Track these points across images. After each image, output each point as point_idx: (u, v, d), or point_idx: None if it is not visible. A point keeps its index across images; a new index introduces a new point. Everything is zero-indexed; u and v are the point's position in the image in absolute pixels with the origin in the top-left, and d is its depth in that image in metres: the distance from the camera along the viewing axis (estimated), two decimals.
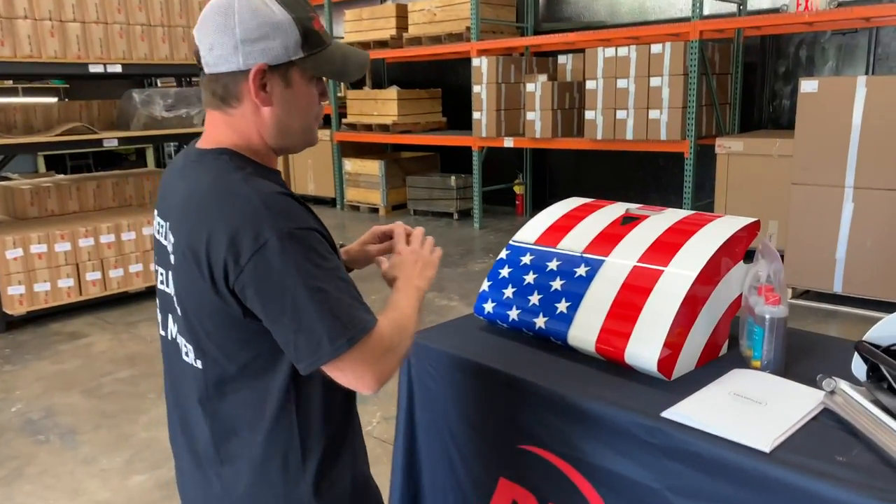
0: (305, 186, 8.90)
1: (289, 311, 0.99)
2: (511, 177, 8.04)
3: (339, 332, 1.00)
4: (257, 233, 0.98)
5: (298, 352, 1.01)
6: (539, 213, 1.92)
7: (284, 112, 1.11)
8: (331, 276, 1.01)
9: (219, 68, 1.08)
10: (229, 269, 1.00)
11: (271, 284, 0.98)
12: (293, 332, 1.00)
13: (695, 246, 1.58)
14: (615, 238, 1.69)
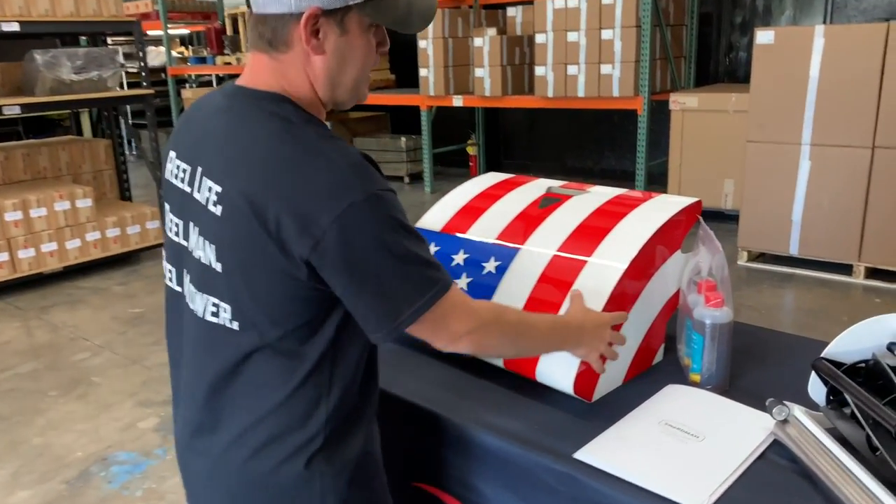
0: None
1: (373, 276, 0.92)
2: (464, 137, 7.72)
3: (418, 295, 0.94)
4: (343, 196, 0.90)
5: (377, 321, 0.95)
6: (450, 192, 1.63)
7: (337, 62, 1.00)
8: (411, 236, 0.95)
9: (268, 9, 0.97)
10: (307, 233, 0.90)
11: (356, 250, 0.90)
12: (376, 298, 0.93)
13: (625, 231, 1.32)
14: (533, 223, 1.42)
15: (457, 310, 0.99)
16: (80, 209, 4.49)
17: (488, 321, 1.03)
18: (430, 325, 0.97)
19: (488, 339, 1.04)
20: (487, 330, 1.03)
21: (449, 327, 0.99)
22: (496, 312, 1.07)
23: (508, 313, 1.09)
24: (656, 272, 1.33)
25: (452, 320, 0.99)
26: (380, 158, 7.45)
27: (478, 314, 1.02)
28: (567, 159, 7.37)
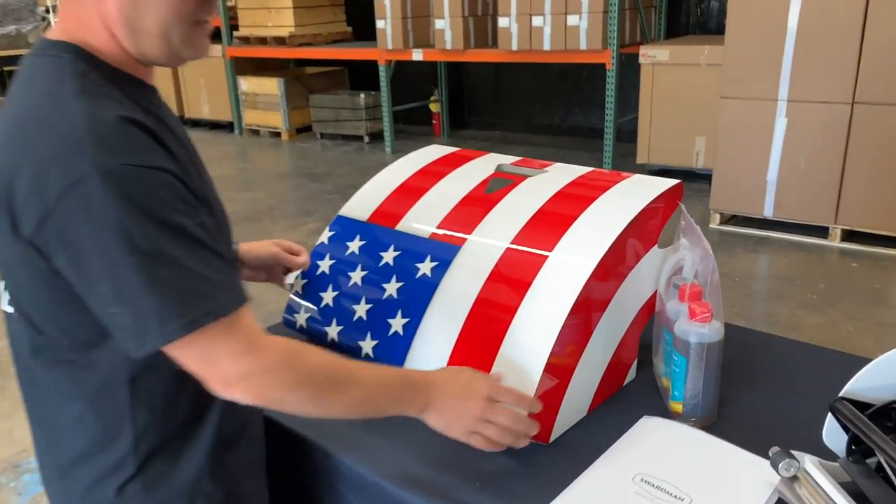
0: (199, 110, 7.99)
1: (108, 276, 0.73)
2: (427, 94, 7.36)
3: (174, 312, 0.74)
4: (72, 166, 0.72)
5: (122, 333, 0.76)
6: (383, 171, 1.36)
7: (131, 4, 0.79)
8: (176, 235, 0.75)
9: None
10: (31, 212, 0.74)
11: (85, 237, 0.72)
12: (115, 305, 0.74)
13: (592, 221, 1.07)
14: (481, 209, 1.16)
15: (232, 343, 0.77)
16: None
17: (276, 365, 0.80)
18: (194, 357, 0.77)
19: (274, 389, 0.80)
20: (274, 377, 0.80)
21: (219, 365, 0.77)
22: (293, 354, 0.83)
23: (312, 356, 0.84)
24: (630, 272, 1.08)
25: (223, 356, 0.77)
26: (336, 117, 7.08)
27: (262, 354, 0.79)
28: (534, 116, 7.08)
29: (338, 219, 1.27)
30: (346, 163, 6.31)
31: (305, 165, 6.33)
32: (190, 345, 0.75)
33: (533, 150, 6.44)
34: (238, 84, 7.46)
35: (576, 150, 6.30)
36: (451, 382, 0.90)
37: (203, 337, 0.75)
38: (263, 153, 6.92)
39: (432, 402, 0.88)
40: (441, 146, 1.42)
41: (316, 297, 1.20)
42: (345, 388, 0.84)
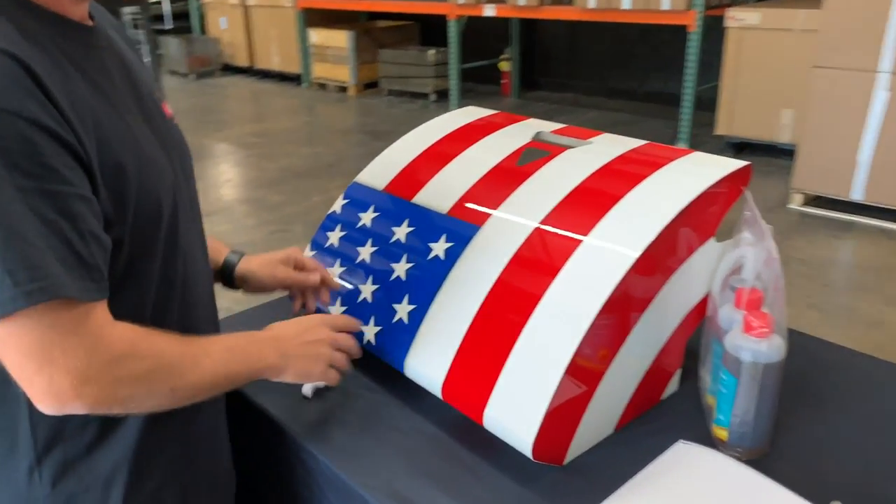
0: (269, 61, 7.97)
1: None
2: (497, 52, 7.10)
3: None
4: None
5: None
6: (410, 133, 1.22)
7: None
8: (16, 196, 0.61)
9: None
10: None
11: None
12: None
13: (640, 203, 0.91)
14: (509, 183, 1.00)
15: (68, 338, 0.64)
16: None
17: (123, 356, 0.68)
18: (17, 349, 0.63)
19: (123, 385, 0.68)
20: (121, 370, 0.67)
21: (46, 367, 0.63)
22: (138, 340, 0.71)
23: (157, 338, 0.73)
24: (679, 267, 0.92)
25: (58, 354, 0.63)
26: (403, 73, 6.92)
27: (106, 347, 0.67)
28: (609, 79, 6.74)
29: (353, 186, 1.14)
30: (409, 121, 6.16)
31: (369, 122, 6.23)
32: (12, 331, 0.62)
33: (605, 114, 6.14)
34: (308, 36, 7.38)
35: (651, 118, 5.96)
36: (291, 326, 0.89)
37: (24, 326, 0.62)
38: (329, 107, 6.84)
39: (284, 350, 0.85)
40: (477, 108, 1.27)
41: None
42: (196, 363, 0.75)
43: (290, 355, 0.85)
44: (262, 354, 0.83)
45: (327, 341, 0.89)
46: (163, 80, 7.85)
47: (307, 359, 0.86)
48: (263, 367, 0.83)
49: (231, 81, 8.05)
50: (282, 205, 4.04)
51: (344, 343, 0.91)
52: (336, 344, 0.90)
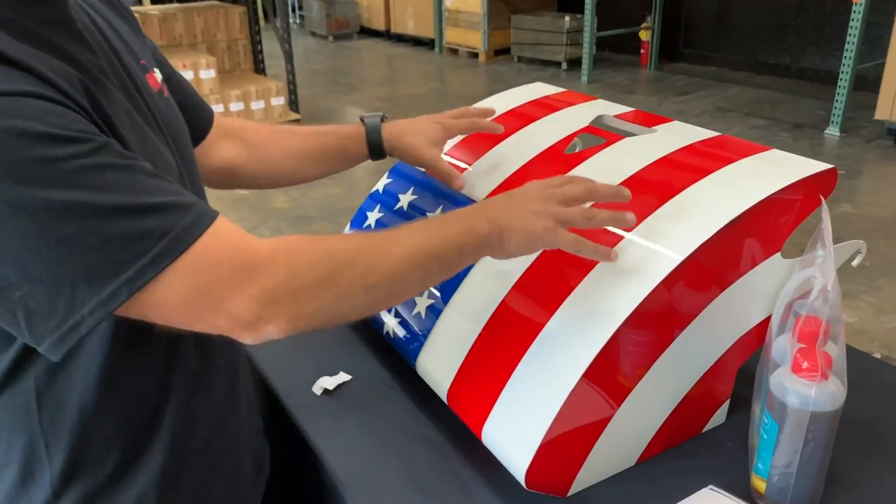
0: (405, 25, 8.01)
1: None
2: (638, 20, 6.72)
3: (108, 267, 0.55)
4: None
5: (33, 316, 0.55)
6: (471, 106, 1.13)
7: None
8: (74, 171, 0.54)
9: None
10: None
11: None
12: (13, 286, 0.54)
13: (697, 201, 0.79)
14: (554, 171, 0.90)
15: (222, 270, 0.58)
16: (203, 80, 4.38)
17: (293, 266, 0.61)
18: (179, 308, 0.58)
19: (307, 298, 0.61)
20: (299, 281, 0.60)
21: (221, 306, 0.58)
22: (303, 243, 0.63)
23: (326, 239, 0.65)
24: (737, 282, 0.79)
25: (220, 291, 0.58)
26: (536, 40, 6.72)
27: (268, 262, 0.60)
28: (759, 53, 6.20)
29: (397, 166, 1.08)
30: None
31: (495, 89, 6.06)
32: (155, 302, 0.57)
33: (749, 91, 5.66)
34: (443, 0, 7.33)
35: (802, 97, 5.43)
36: (501, 194, 0.76)
37: (172, 282, 0.57)
38: (458, 73, 6.80)
39: (492, 215, 0.70)
40: (545, 84, 1.16)
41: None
42: (384, 249, 0.65)
43: (503, 217, 0.70)
44: (467, 223, 0.69)
45: (556, 195, 0.72)
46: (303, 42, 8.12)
47: (526, 217, 0.70)
48: (472, 239, 0.69)
49: (367, 45, 8.19)
50: None
51: (577, 190, 0.73)
52: (565, 191, 0.73)
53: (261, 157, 0.95)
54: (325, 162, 0.97)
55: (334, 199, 3.76)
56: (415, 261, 0.66)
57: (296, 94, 4.91)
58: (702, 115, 5.06)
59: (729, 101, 5.40)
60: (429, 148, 0.92)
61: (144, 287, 0.56)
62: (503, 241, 0.70)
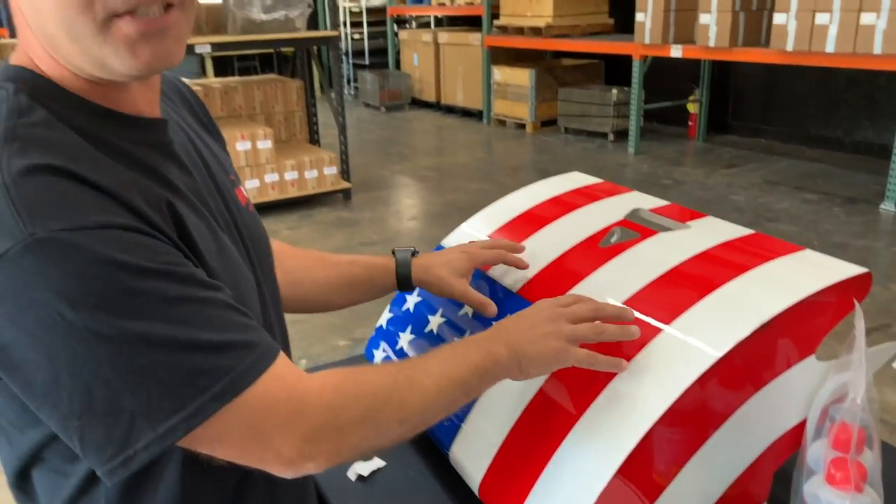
0: (454, 97, 8.25)
1: (51, 379, 0.55)
2: (686, 92, 6.78)
3: (169, 402, 0.56)
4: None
5: (88, 446, 0.57)
6: (504, 198, 1.17)
7: (28, 3, 0.61)
8: (154, 303, 0.56)
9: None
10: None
11: (18, 331, 0.54)
12: (73, 414, 0.56)
13: (734, 296, 0.79)
14: (587, 264, 0.92)
15: (277, 411, 0.61)
16: (260, 150, 4.57)
17: (336, 404, 0.64)
18: (231, 443, 0.60)
19: (348, 435, 0.64)
20: (340, 419, 0.64)
21: (269, 444, 0.61)
22: (345, 382, 0.67)
23: (366, 373, 0.69)
24: (771, 382, 0.78)
25: (272, 430, 0.60)
26: (583, 112, 6.83)
27: (314, 401, 0.63)
28: (810, 126, 6.17)
29: (437, 249, 1.11)
30: (583, 160, 6.06)
31: (542, 160, 6.21)
32: (208, 436, 0.58)
33: (801, 164, 5.61)
34: (492, 73, 7.54)
35: (855, 170, 5.35)
36: (513, 316, 0.80)
37: (228, 420, 0.59)
38: (505, 143, 6.93)
39: (509, 340, 0.75)
40: (583, 174, 1.19)
41: (394, 336, 1.06)
42: (416, 381, 0.69)
43: (518, 341, 0.75)
44: (488, 351, 0.74)
45: (565, 315, 0.77)
46: (357, 112, 8.42)
47: (539, 340, 0.75)
48: (493, 366, 0.74)
49: (417, 115, 8.44)
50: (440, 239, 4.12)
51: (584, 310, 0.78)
52: (575, 310, 0.78)
53: (293, 282, 0.97)
54: (353, 292, 1.01)
55: None
56: (443, 391, 0.70)
57: (348, 164, 5.07)
58: (750, 188, 5.02)
59: (779, 175, 5.36)
60: (457, 280, 0.95)
61: (201, 424, 0.57)
62: (521, 366, 0.75)
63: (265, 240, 0.85)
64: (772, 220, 4.33)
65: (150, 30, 0.61)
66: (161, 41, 0.62)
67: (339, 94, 4.89)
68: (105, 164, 0.61)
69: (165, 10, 0.62)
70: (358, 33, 9.81)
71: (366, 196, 5.08)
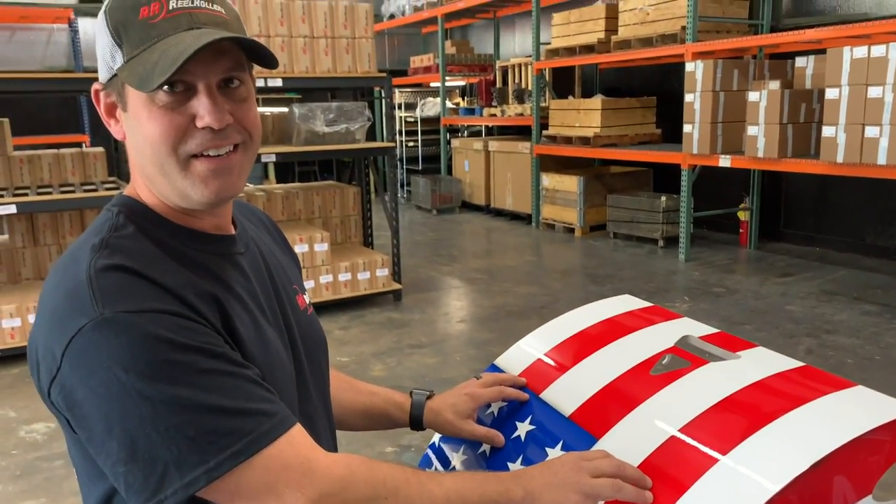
0: (504, 201, 8.45)
1: (110, 432, 0.70)
2: (736, 200, 6.81)
3: (195, 456, 0.69)
4: (72, 320, 0.72)
5: (129, 490, 0.71)
6: (556, 318, 1.21)
7: (132, 146, 0.83)
8: (187, 371, 0.71)
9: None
10: (45, 369, 0.75)
11: (86, 389, 0.70)
12: (120, 461, 0.70)
13: (789, 430, 0.81)
14: (638, 392, 0.94)
15: (286, 473, 0.72)
16: (316, 252, 4.73)
17: (345, 481, 0.74)
18: (248, 497, 0.71)
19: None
20: (346, 494, 0.74)
21: (283, 501, 0.72)
22: (359, 465, 0.77)
23: (381, 466, 0.79)
24: None
25: (283, 488, 0.72)
26: (632, 218, 6.90)
27: (324, 473, 0.74)
28: (866, 235, 6.09)
29: (490, 368, 1.15)
30: (632, 266, 6.07)
31: (590, 265, 6.24)
32: (229, 489, 0.70)
33: (860, 274, 5.50)
34: (541, 180, 7.73)
35: None
36: (540, 464, 0.85)
37: (245, 471, 0.70)
38: (553, 247, 7.00)
39: (527, 485, 0.81)
40: (633, 298, 1.23)
41: (447, 456, 1.09)
42: (426, 487, 0.78)
43: (537, 488, 0.80)
44: (506, 488, 0.80)
45: (588, 470, 0.81)
46: (409, 215, 8.67)
47: (558, 489, 0.79)
48: (506, 502, 0.80)
49: (467, 218, 8.64)
50: (488, 343, 4.14)
51: (606, 466, 0.81)
52: (595, 467, 0.81)
53: None
54: (370, 421, 1.11)
55: (428, 369, 3.84)
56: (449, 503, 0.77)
57: (399, 266, 5.19)
58: (807, 297, 4.93)
59: (836, 284, 5.25)
60: (462, 422, 1.04)
61: (221, 476, 0.69)
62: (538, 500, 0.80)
63: (320, 340, 1.00)
64: (830, 332, 4.22)
65: (218, 167, 0.80)
66: (227, 176, 0.81)
67: (394, 199, 5.07)
68: (169, 267, 0.77)
69: (230, 151, 0.80)
70: (412, 141, 10.24)
71: (416, 297, 5.16)
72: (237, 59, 0.80)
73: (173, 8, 0.77)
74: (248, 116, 0.83)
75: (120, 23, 0.77)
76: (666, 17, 6.25)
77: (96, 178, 4.52)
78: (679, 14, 6.10)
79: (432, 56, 9.62)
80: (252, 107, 0.85)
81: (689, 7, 5.88)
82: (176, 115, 0.77)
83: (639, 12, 6.51)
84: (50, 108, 8.50)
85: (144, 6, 0.76)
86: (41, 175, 4.40)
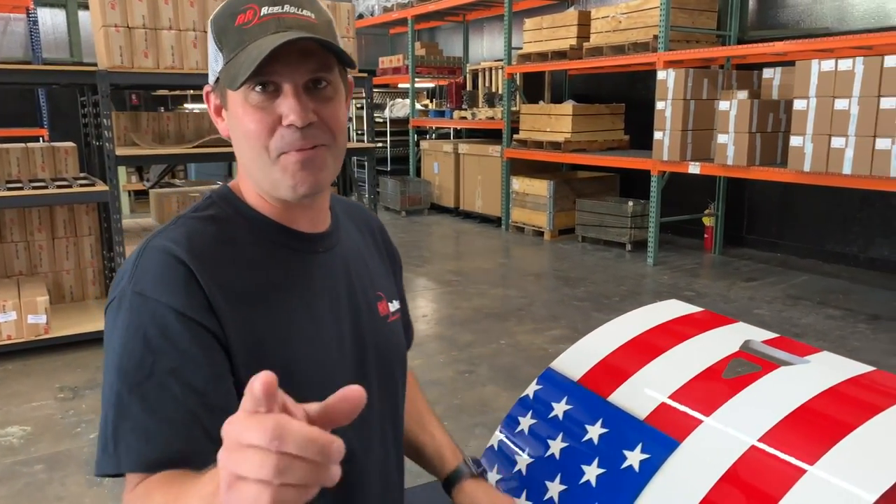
0: (473, 203, 8.48)
1: (104, 390, 0.82)
2: (701, 206, 6.98)
3: (102, 451, 0.80)
4: (117, 285, 0.85)
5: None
6: (610, 322, 1.22)
7: (234, 141, 0.89)
8: (147, 375, 0.78)
9: None
10: None
11: (106, 340, 0.84)
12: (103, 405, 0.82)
13: (877, 438, 0.82)
14: (715, 395, 0.96)
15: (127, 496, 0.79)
16: None
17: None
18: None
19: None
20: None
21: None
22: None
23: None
24: None
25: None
26: (600, 222, 7.00)
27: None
28: (826, 242, 6.30)
29: (547, 372, 1.15)
30: (602, 269, 6.15)
31: (562, 267, 6.31)
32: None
33: (821, 279, 5.69)
34: (510, 183, 7.78)
35: (873, 287, 5.43)
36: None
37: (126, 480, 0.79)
38: (524, 250, 7.06)
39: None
40: (679, 302, 1.24)
41: (510, 458, 1.08)
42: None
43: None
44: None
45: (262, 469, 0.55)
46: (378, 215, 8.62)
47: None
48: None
49: (436, 220, 8.64)
50: (471, 345, 4.15)
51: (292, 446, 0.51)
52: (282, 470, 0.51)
53: None
54: (417, 458, 1.13)
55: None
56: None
57: None
58: (773, 301, 5.08)
59: (799, 289, 5.43)
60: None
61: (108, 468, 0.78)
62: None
63: (395, 348, 1.01)
64: (799, 335, 4.35)
65: (304, 159, 0.84)
66: (313, 169, 0.85)
67: (373, 201, 5.04)
68: (219, 257, 0.85)
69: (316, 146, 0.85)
70: (381, 142, 10.19)
71: None
72: (323, 61, 0.84)
73: (264, 14, 0.83)
74: (331, 115, 0.86)
75: (221, 29, 0.85)
76: (638, 26, 6.37)
77: (67, 173, 4.37)
78: (651, 23, 6.22)
79: (402, 57, 9.59)
80: (337, 107, 0.88)
81: (662, 16, 6.00)
82: (265, 114, 0.84)
83: (611, 20, 6.61)
84: (6, 101, 8.18)
85: (241, 14, 0.84)
86: (9, 170, 4.23)
